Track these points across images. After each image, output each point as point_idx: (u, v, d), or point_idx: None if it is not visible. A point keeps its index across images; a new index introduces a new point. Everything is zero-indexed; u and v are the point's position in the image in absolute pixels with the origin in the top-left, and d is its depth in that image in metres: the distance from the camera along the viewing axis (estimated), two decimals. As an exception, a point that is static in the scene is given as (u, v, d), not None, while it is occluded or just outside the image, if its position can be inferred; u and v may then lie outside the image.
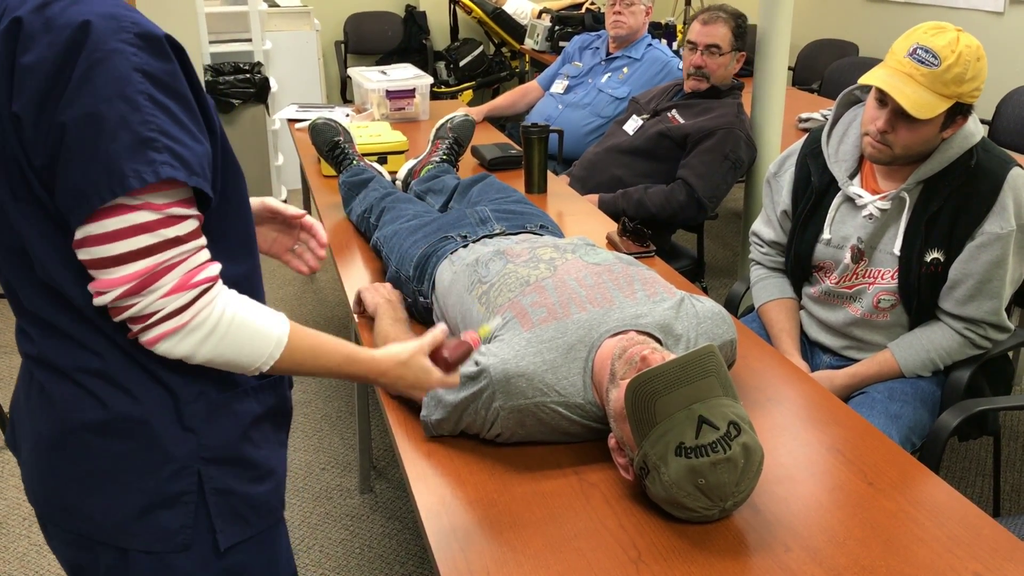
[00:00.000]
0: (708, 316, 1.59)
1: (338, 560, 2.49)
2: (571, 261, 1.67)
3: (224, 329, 1.05)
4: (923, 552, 1.28)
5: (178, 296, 1.02)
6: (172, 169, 0.97)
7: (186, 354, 1.05)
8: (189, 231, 1.03)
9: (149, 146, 0.96)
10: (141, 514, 1.11)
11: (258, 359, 1.09)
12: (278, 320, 1.12)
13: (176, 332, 1.03)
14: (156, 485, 1.11)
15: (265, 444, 1.20)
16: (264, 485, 1.20)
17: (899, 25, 5.29)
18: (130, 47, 0.97)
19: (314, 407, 3.26)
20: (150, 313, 1.01)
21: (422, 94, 3.78)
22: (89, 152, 0.95)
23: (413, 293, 1.94)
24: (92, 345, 1.08)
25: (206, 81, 4.57)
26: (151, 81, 0.98)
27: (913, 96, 1.81)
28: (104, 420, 1.08)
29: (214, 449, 1.13)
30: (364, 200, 2.46)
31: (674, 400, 1.26)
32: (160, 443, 1.10)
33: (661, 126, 3.12)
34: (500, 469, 1.48)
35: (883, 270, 2.01)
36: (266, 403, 1.20)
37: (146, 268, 1.00)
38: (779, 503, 1.39)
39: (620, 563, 1.26)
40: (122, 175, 0.95)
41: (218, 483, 1.14)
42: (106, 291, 1.00)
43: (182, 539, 1.13)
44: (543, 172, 2.85)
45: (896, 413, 1.93)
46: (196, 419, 1.12)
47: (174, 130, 0.99)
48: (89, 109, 0.94)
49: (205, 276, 1.04)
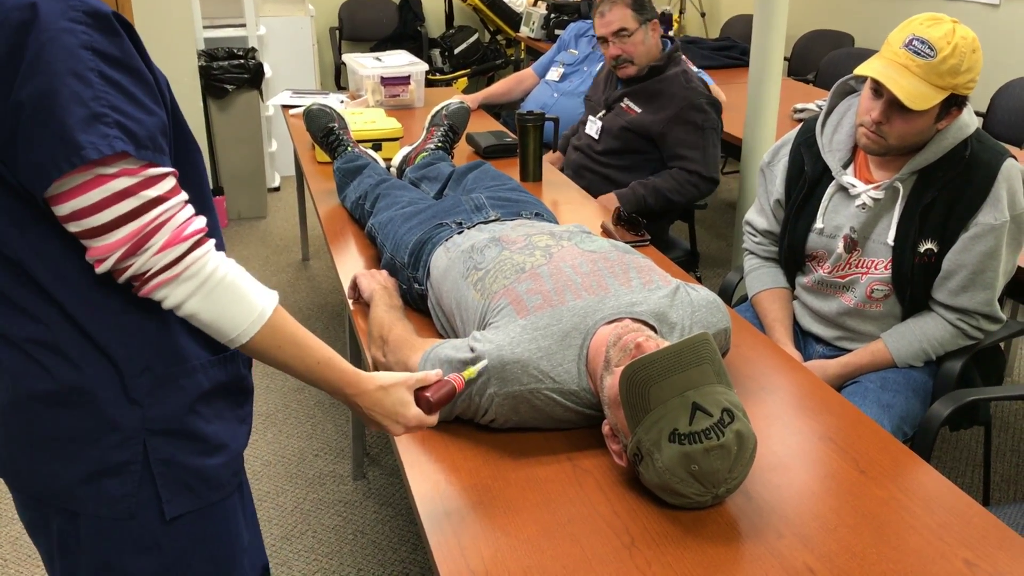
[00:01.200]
0: (703, 304, 1.60)
1: (331, 546, 2.50)
2: (567, 248, 1.67)
3: (213, 285, 1.10)
4: (914, 539, 1.29)
5: (170, 251, 1.06)
6: (122, 143, 1.02)
7: (175, 303, 1.09)
8: (169, 188, 1.07)
9: (100, 120, 1.00)
10: (87, 480, 1.15)
11: (239, 326, 1.12)
12: (268, 294, 1.16)
13: (170, 282, 1.08)
14: (101, 454, 1.14)
15: (216, 419, 1.22)
16: (214, 458, 1.22)
17: (895, 16, 5.30)
18: (79, 25, 1.00)
19: (307, 393, 3.26)
20: (147, 270, 1.06)
21: (417, 81, 3.77)
22: (45, 127, 0.99)
23: (408, 280, 1.95)
24: (42, 316, 1.11)
25: (200, 66, 4.54)
26: (100, 57, 1.01)
27: (908, 87, 1.81)
28: (51, 390, 1.12)
29: (159, 421, 1.16)
30: (359, 187, 2.45)
31: (668, 387, 1.27)
32: (105, 414, 1.13)
33: (620, 120, 3.09)
34: (494, 455, 1.48)
35: (876, 260, 2.02)
36: (215, 379, 1.21)
37: (136, 230, 1.04)
38: (771, 490, 1.40)
39: (613, 548, 1.27)
40: (78, 146, 0.99)
41: (163, 454, 1.17)
42: (104, 257, 1.05)
43: (126, 506, 1.17)
44: (538, 160, 2.85)
45: (888, 402, 1.94)
46: (141, 392, 1.15)
47: (124, 105, 1.03)
48: (43, 87, 0.98)
49: (194, 229, 1.09)
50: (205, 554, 1.25)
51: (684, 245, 3.26)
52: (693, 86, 3.04)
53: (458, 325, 1.72)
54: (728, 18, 6.22)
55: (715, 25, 6.89)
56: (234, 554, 1.29)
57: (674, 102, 3.01)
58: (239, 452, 1.27)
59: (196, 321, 1.12)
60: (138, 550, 1.19)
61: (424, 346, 1.61)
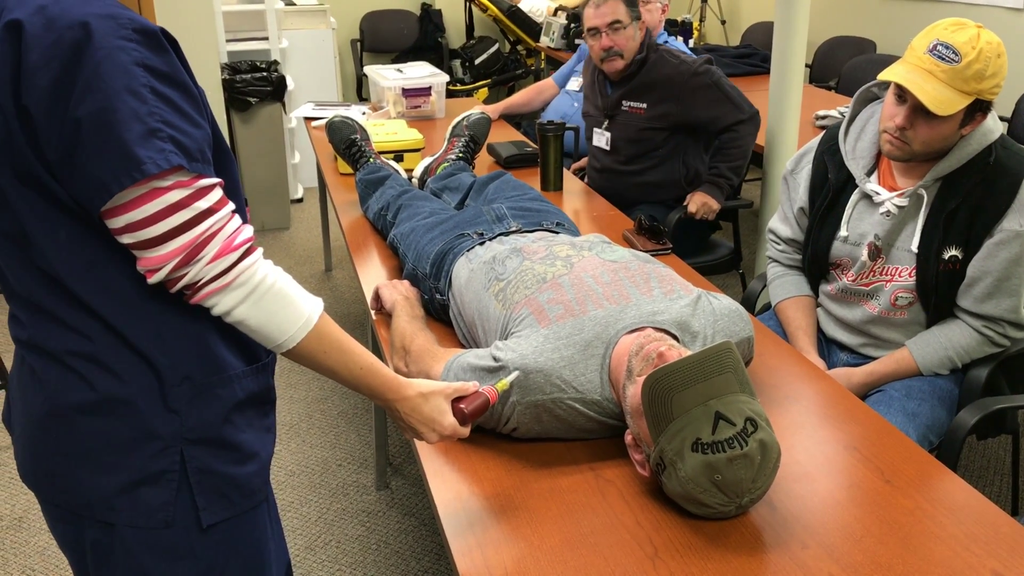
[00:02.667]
0: (725, 313, 1.59)
1: (354, 556, 2.50)
2: (588, 258, 1.67)
3: (263, 292, 1.12)
4: (941, 550, 1.28)
5: (222, 260, 1.09)
6: (177, 157, 1.04)
7: (225, 310, 1.12)
8: (218, 199, 1.10)
9: (156, 135, 1.03)
10: (125, 490, 1.16)
11: (287, 331, 1.15)
12: (313, 301, 1.18)
13: (221, 290, 1.10)
14: (140, 463, 1.16)
15: (248, 428, 1.24)
16: (247, 467, 1.24)
17: (917, 22, 5.26)
18: (130, 43, 1.03)
19: (331, 404, 3.28)
20: (199, 279, 1.09)
21: (438, 92, 3.79)
22: (105, 143, 1.01)
23: (430, 290, 1.95)
24: (82, 328, 1.13)
25: (223, 79, 4.59)
26: (152, 73, 1.04)
27: (933, 92, 1.80)
28: (91, 400, 1.13)
29: (196, 430, 1.18)
30: (381, 198, 2.46)
31: (691, 396, 1.26)
32: (144, 423, 1.15)
33: (634, 123, 3.11)
34: (517, 465, 1.48)
35: (900, 267, 2.00)
36: (248, 389, 1.23)
37: (188, 242, 1.07)
38: (796, 500, 1.39)
39: (637, 559, 1.26)
40: (138, 160, 1.02)
41: (200, 463, 1.19)
42: (157, 268, 1.08)
43: (164, 516, 1.18)
44: (559, 170, 2.86)
45: (913, 411, 1.92)
46: (180, 401, 1.16)
47: (176, 119, 1.06)
48: (101, 104, 1.00)
49: (244, 238, 1.12)
50: (238, 561, 1.26)
51: (728, 244, 3.31)
52: (680, 58, 3.07)
53: (480, 335, 1.73)
54: (749, 25, 6.21)
55: (736, 33, 6.88)
56: (263, 559, 1.31)
57: (675, 83, 3.03)
58: (268, 460, 1.29)
59: (244, 327, 1.14)
60: (174, 558, 1.20)
61: (446, 356, 1.61)
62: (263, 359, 1.26)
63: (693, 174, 3.17)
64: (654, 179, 3.15)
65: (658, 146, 3.11)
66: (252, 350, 1.25)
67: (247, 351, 1.24)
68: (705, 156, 3.21)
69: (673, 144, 3.12)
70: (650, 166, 3.15)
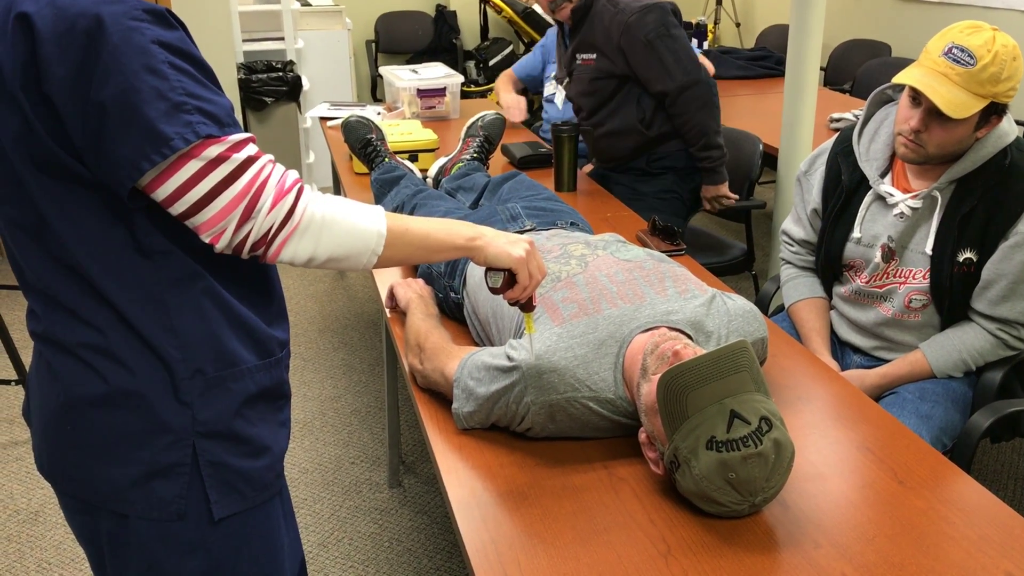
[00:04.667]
0: (739, 314, 1.59)
1: (367, 553, 2.52)
2: (602, 257, 1.68)
3: (331, 223, 1.13)
4: (954, 551, 1.28)
5: (281, 205, 1.10)
6: (206, 127, 1.05)
7: (310, 253, 1.13)
8: (255, 150, 1.11)
9: (181, 109, 1.04)
10: (138, 482, 1.17)
11: (368, 247, 1.17)
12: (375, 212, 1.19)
13: (294, 235, 1.11)
14: (152, 455, 1.17)
15: (260, 422, 1.25)
16: (259, 460, 1.25)
17: (932, 25, 5.25)
18: (143, 23, 1.04)
19: (344, 402, 3.29)
20: (268, 228, 1.10)
21: (453, 93, 3.80)
22: (131, 123, 1.02)
23: (444, 289, 1.96)
24: (95, 321, 1.14)
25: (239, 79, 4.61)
26: (168, 50, 1.05)
27: (948, 96, 1.80)
28: (105, 393, 1.15)
29: (208, 424, 1.19)
30: (396, 197, 2.48)
31: (706, 394, 1.27)
32: (156, 416, 1.16)
33: (586, 76, 3.00)
34: (530, 463, 1.49)
35: (914, 270, 2.00)
36: (261, 384, 1.24)
37: (241, 191, 1.08)
38: (809, 500, 1.39)
39: (650, 556, 1.27)
40: (167, 138, 1.03)
41: (212, 456, 1.20)
42: (219, 229, 1.08)
43: (176, 508, 1.19)
44: (573, 170, 2.86)
45: (927, 413, 1.92)
46: (192, 394, 1.17)
47: (198, 90, 1.07)
48: (123, 85, 1.01)
49: (293, 180, 1.12)
50: (250, 554, 1.27)
51: (741, 245, 3.31)
52: (618, 7, 2.87)
53: (493, 334, 1.74)
54: (763, 28, 6.20)
55: (750, 35, 6.87)
56: (276, 554, 1.32)
57: (611, 36, 2.88)
58: (281, 454, 1.30)
59: (333, 263, 1.16)
60: (186, 551, 1.22)
61: (461, 353, 1.62)
62: (276, 354, 1.27)
63: (650, 117, 2.99)
64: (613, 127, 3.04)
65: (611, 95, 3.00)
66: (265, 345, 1.25)
67: (260, 346, 1.24)
68: None
69: (626, 91, 2.99)
70: (607, 116, 3.04)
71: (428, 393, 1.69)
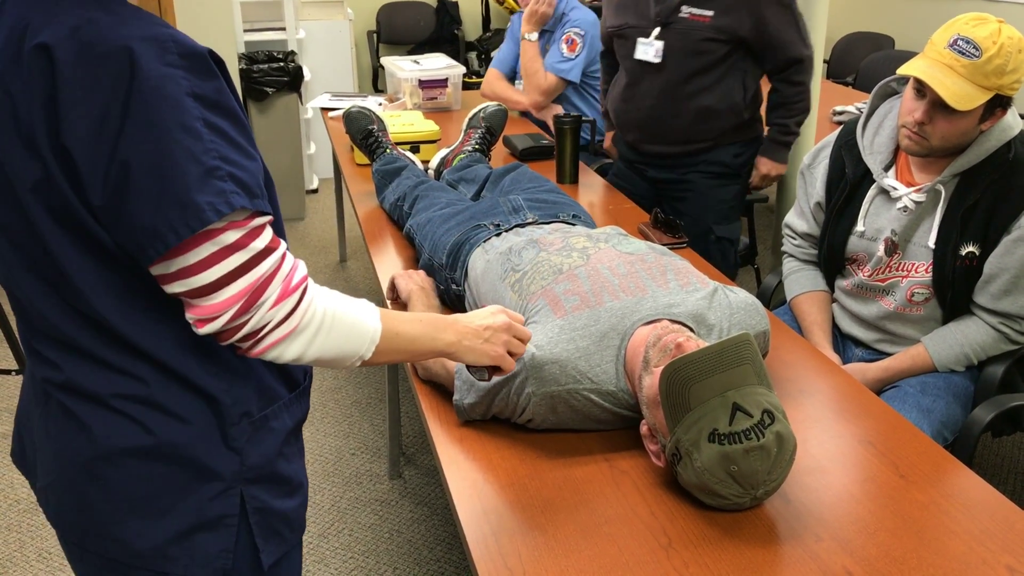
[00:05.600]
0: (741, 307, 1.59)
1: (367, 544, 2.52)
2: (604, 250, 1.67)
3: (328, 327, 1.06)
4: (955, 544, 1.28)
5: (284, 303, 1.01)
6: (239, 197, 0.96)
7: (297, 355, 1.05)
8: (271, 237, 1.02)
9: (214, 175, 0.94)
10: (181, 537, 1.09)
11: (357, 351, 1.10)
12: (371, 311, 1.12)
13: (287, 337, 1.03)
14: (198, 507, 1.09)
15: (294, 457, 1.19)
16: (295, 499, 1.19)
17: (936, 18, 5.23)
18: (179, 71, 0.93)
19: (344, 393, 3.29)
20: (263, 326, 1.01)
21: (454, 84, 3.79)
22: (159, 189, 0.92)
23: (446, 280, 1.96)
24: (133, 371, 1.05)
25: (240, 69, 4.60)
26: (204, 104, 0.94)
27: (953, 87, 1.79)
28: (149, 445, 1.06)
29: (256, 468, 1.12)
30: (397, 188, 2.47)
31: (708, 386, 1.27)
32: (205, 464, 1.08)
33: (695, 33, 2.64)
34: (531, 455, 1.49)
35: (917, 263, 2.00)
36: (295, 416, 1.19)
37: (249, 286, 0.98)
38: (810, 493, 1.39)
39: (651, 549, 1.27)
40: (198, 208, 0.92)
41: (259, 502, 1.13)
42: (214, 317, 0.98)
43: (221, 563, 1.11)
44: (575, 162, 2.85)
45: (928, 407, 1.92)
46: (241, 439, 1.10)
47: (231, 153, 0.97)
48: (152, 144, 0.91)
49: (300, 277, 1.04)
50: None
51: (743, 239, 3.31)
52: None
53: (496, 325, 1.73)
54: (766, 20, 6.17)
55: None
56: None
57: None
58: (308, 488, 1.25)
59: (319, 363, 1.08)
60: None
61: (462, 346, 1.62)
62: (302, 383, 1.20)
63: (751, 99, 2.76)
64: (710, 102, 2.72)
65: (718, 62, 2.68)
66: (292, 375, 1.18)
67: (288, 376, 1.17)
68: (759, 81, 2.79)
69: (733, 60, 2.69)
70: (707, 86, 2.71)
71: (429, 384, 1.69)
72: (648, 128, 2.83)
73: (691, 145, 2.81)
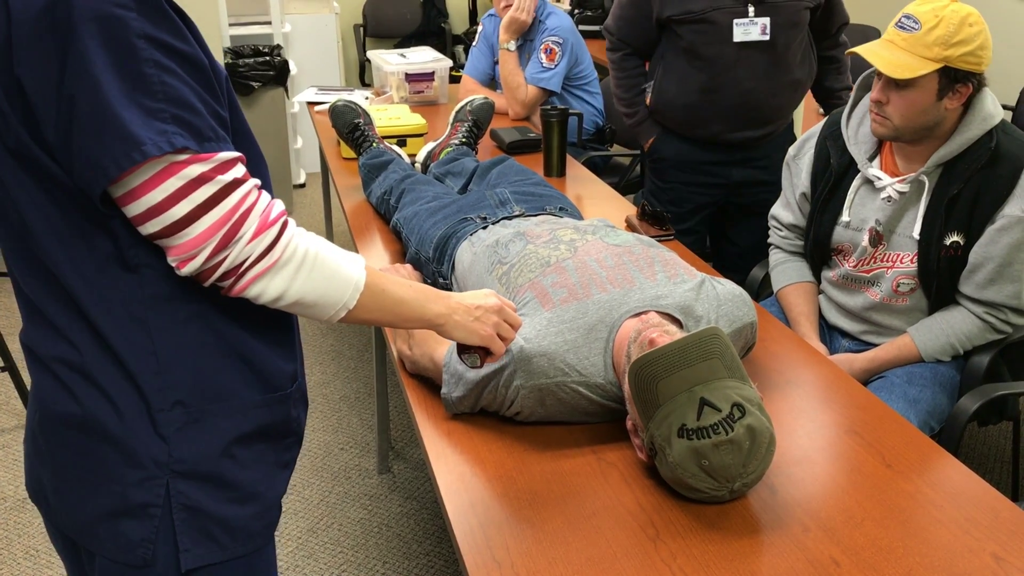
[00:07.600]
0: (728, 298, 1.59)
1: (356, 539, 2.52)
2: (592, 242, 1.67)
3: (310, 264, 1.05)
4: (941, 533, 1.28)
5: (262, 237, 1.01)
6: (182, 138, 0.96)
7: (279, 292, 1.04)
8: (242, 172, 1.01)
9: (156, 116, 0.95)
10: (107, 518, 1.07)
11: (340, 299, 1.08)
12: (357, 261, 1.11)
13: (268, 271, 1.02)
14: (122, 490, 1.06)
15: (254, 464, 1.13)
16: (244, 508, 1.12)
17: (922, 9, 5.24)
18: (128, 11, 0.94)
19: (333, 388, 3.29)
20: (243, 260, 1.00)
21: (441, 77, 3.78)
22: (102, 123, 0.93)
23: (433, 274, 1.96)
24: (72, 337, 1.04)
25: (226, 64, 4.58)
26: (153, 44, 0.95)
27: (890, 58, 1.85)
28: (78, 416, 1.05)
29: (186, 462, 1.07)
30: (384, 182, 2.47)
31: (675, 382, 1.27)
32: (129, 447, 1.05)
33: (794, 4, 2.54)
34: (519, 448, 1.49)
35: (902, 254, 2.00)
36: (259, 421, 1.12)
37: (222, 217, 0.98)
38: (796, 484, 1.39)
39: (638, 540, 1.27)
40: (138, 141, 0.94)
41: (187, 499, 1.08)
42: (191, 255, 0.98)
43: (142, 552, 1.08)
44: (562, 155, 2.85)
45: (915, 397, 1.93)
46: (170, 427, 1.06)
47: (184, 95, 0.97)
48: (96, 81, 0.92)
49: (278, 212, 1.04)
50: None
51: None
52: None
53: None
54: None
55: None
56: None
57: None
58: (275, 501, 1.16)
59: (300, 306, 1.06)
60: None
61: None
62: (284, 388, 1.15)
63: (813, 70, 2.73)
64: (800, 75, 2.66)
65: (804, 32, 2.62)
66: (269, 378, 1.13)
67: (263, 379, 1.12)
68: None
69: (807, 32, 2.64)
70: (799, 59, 2.64)
71: (417, 379, 1.69)
72: (740, 115, 2.65)
73: (772, 125, 2.71)
